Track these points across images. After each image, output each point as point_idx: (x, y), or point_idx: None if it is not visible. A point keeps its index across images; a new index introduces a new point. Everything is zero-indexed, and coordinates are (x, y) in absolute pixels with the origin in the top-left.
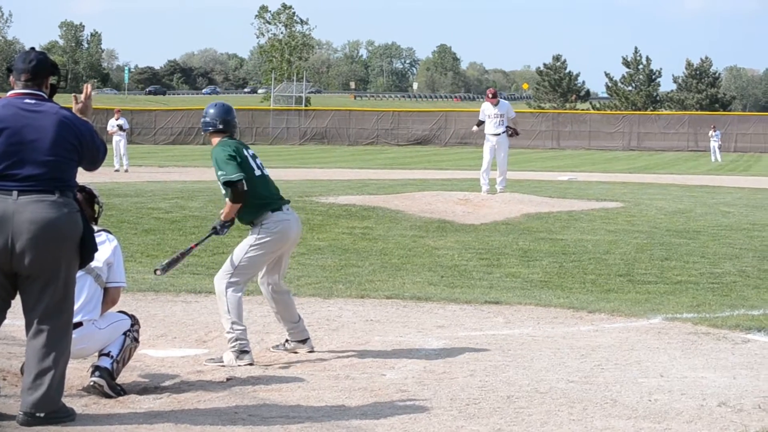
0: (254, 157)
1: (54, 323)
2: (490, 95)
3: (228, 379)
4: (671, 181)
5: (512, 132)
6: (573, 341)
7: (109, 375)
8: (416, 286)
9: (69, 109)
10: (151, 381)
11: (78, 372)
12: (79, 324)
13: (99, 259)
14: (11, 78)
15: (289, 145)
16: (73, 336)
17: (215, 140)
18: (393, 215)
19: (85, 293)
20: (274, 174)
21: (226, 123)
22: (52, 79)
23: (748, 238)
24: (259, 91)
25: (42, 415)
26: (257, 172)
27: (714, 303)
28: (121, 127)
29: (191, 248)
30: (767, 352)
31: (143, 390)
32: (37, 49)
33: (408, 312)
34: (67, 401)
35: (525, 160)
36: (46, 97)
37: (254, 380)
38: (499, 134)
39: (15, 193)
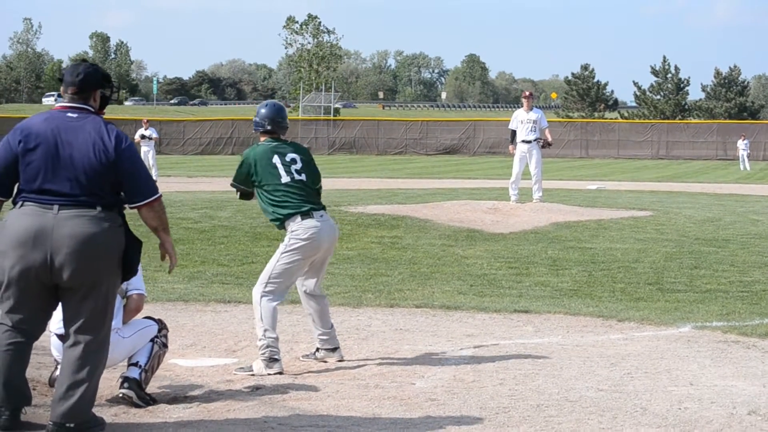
0: (292, 162)
1: (91, 336)
2: (527, 94)
3: (257, 389)
4: (700, 190)
5: (544, 143)
6: (602, 350)
7: (138, 385)
8: (445, 295)
9: (112, 124)
10: (181, 390)
11: (108, 382)
12: None
13: None
14: (62, 89)
15: (318, 154)
16: None
17: (261, 139)
18: (422, 224)
19: None
20: None
21: (274, 124)
22: (104, 91)
23: None
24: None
25: (72, 425)
26: (284, 179)
27: (743, 311)
28: (147, 137)
29: None
30: None
31: (173, 399)
32: (66, 60)
33: (437, 321)
34: (96, 411)
35: (554, 169)
36: (91, 110)
37: (284, 389)
38: (530, 141)
39: (56, 207)
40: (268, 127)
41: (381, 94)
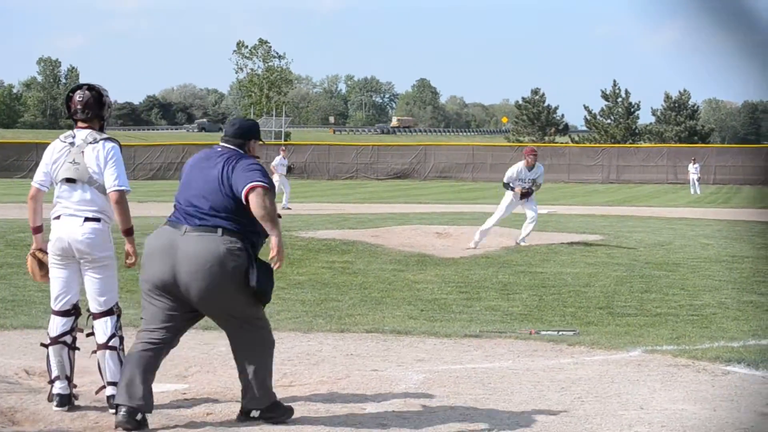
0: None
1: (248, 333)
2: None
3: (208, 414)
4: (651, 214)
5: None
6: (553, 374)
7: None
8: (396, 320)
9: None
10: None
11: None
12: None
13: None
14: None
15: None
16: None
17: None
18: (373, 249)
19: None
20: None
21: None
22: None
23: (728, 270)
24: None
25: (257, 414)
26: None
27: (694, 335)
28: None
29: None
30: (747, 384)
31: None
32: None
33: (388, 346)
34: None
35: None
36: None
37: (234, 415)
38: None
39: (184, 228)
40: None
41: (332, 119)
